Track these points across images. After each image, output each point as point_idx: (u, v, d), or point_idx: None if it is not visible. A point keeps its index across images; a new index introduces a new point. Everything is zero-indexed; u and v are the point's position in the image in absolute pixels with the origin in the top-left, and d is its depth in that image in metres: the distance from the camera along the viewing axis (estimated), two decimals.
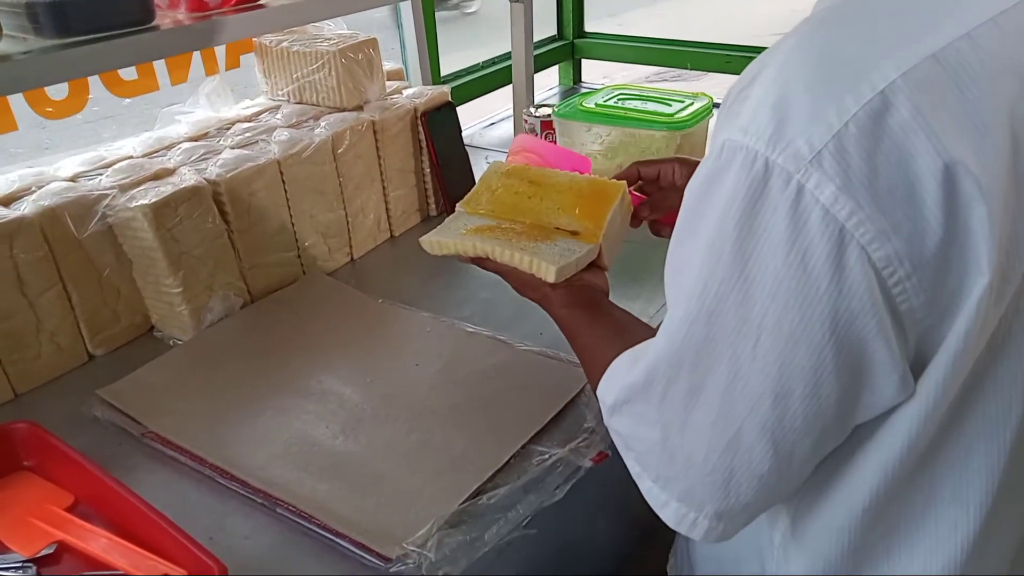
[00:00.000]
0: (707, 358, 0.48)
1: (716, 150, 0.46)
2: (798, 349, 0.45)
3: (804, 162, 0.42)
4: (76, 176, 0.94)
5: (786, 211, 0.43)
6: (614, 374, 0.59)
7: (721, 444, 0.50)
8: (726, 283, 0.46)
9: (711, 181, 0.46)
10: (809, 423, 0.47)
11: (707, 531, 0.53)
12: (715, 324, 0.47)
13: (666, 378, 0.51)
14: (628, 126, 1.17)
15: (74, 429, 0.78)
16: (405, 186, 1.21)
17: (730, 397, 0.48)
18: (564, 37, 1.97)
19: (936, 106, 0.42)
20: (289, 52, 1.15)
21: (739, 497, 0.51)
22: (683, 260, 0.50)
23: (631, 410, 0.56)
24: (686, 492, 0.53)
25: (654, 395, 0.53)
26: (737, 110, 0.46)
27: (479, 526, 0.67)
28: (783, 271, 0.44)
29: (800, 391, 0.46)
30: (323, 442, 0.77)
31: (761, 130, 0.43)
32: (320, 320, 0.97)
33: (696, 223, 0.48)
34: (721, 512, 0.52)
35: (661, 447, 0.54)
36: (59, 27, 0.74)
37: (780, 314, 0.45)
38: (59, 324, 0.89)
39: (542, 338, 0.92)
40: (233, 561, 0.62)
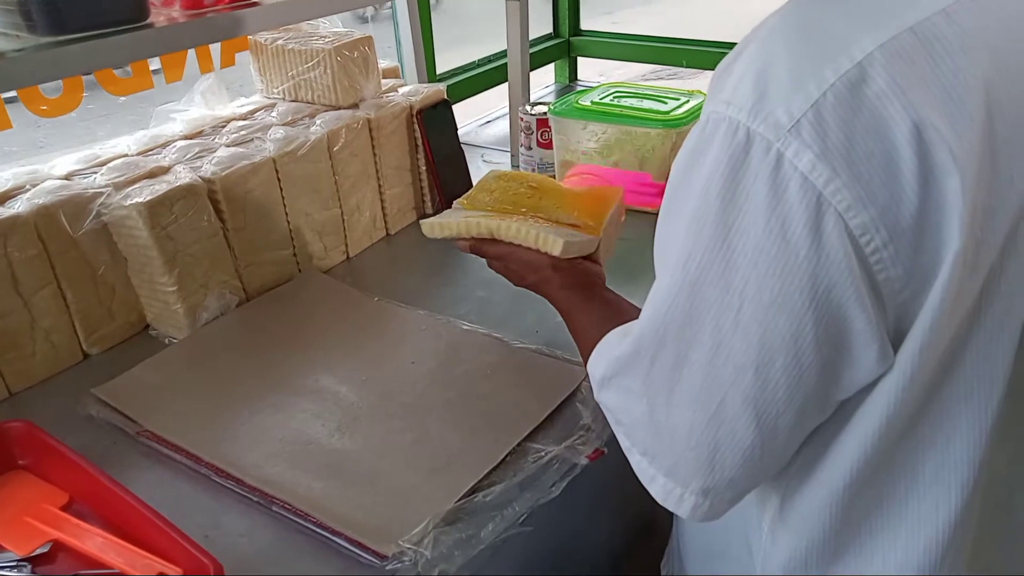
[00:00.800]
0: (691, 328, 0.49)
1: (701, 123, 0.47)
2: (779, 317, 0.45)
3: (783, 131, 0.43)
4: (71, 174, 0.94)
5: (766, 179, 0.43)
6: (604, 348, 0.60)
7: (705, 417, 0.50)
8: (709, 252, 0.46)
9: (695, 153, 0.47)
10: (791, 394, 0.48)
11: (693, 508, 0.53)
12: (698, 294, 0.48)
13: (652, 350, 0.52)
14: (624, 124, 1.17)
15: (69, 428, 0.78)
16: (401, 184, 1.21)
17: (713, 368, 0.49)
18: (560, 35, 1.97)
19: (912, 77, 0.43)
20: (284, 50, 1.15)
21: (724, 472, 0.51)
22: (669, 233, 0.51)
23: (619, 383, 0.57)
24: (672, 467, 0.53)
25: (640, 368, 0.53)
26: (721, 84, 0.47)
27: (475, 524, 0.67)
28: (763, 239, 0.44)
29: (781, 361, 0.47)
30: (319, 440, 0.77)
31: (743, 101, 0.44)
32: (316, 318, 0.97)
33: (681, 195, 0.49)
34: (707, 488, 0.52)
35: (648, 421, 0.54)
36: (53, 24, 0.73)
37: (761, 282, 0.45)
38: (54, 323, 0.88)
39: (538, 336, 0.92)
40: (229, 559, 0.62)
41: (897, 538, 0.53)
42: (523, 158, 1.38)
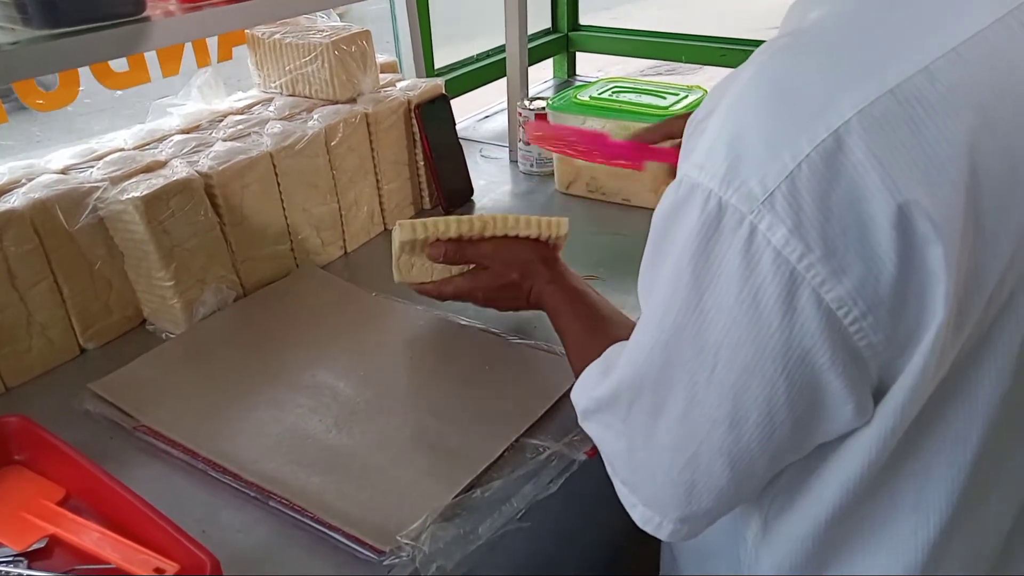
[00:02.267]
0: (666, 383, 0.50)
1: (676, 183, 0.46)
2: (751, 381, 0.46)
3: (757, 203, 0.42)
4: (67, 168, 0.94)
5: (739, 251, 0.43)
6: (585, 382, 0.62)
7: (681, 462, 0.51)
8: (683, 314, 0.47)
9: (672, 214, 0.47)
10: (764, 446, 0.48)
11: (672, 533, 0.55)
12: (673, 351, 0.49)
13: (628, 398, 0.54)
14: (622, 119, 1.17)
15: (65, 423, 0.78)
16: (399, 179, 1.20)
17: (688, 420, 0.49)
18: (559, 30, 1.96)
19: (891, 145, 0.41)
20: (282, 44, 1.14)
21: (700, 504, 0.53)
22: (649, 284, 0.51)
23: (599, 419, 0.59)
24: (651, 498, 0.55)
25: (619, 411, 0.55)
26: (693, 144, 0.46)
27: (473, 519, 0.67)
28: (736, 308, 0.44)
29: (754, 419, 0.47)
30: (316, 435, 0.77)
31: (716, 168, 0.43)
32: (313, 313, 0.97)
33: (659, 251, 0.49)
34: (685, 517, 0.54)
35: (627, 456, 0.56)
36: (48, 17, 0.73)
37: (733, 348, 0.45)
38: (50, 317, 0.88)
39: (536, 331, 0.92)
40: (226, 554, 0.62)
41: (877, 558, 0.54)
42: (521, 153, 1.37)
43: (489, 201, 1.29)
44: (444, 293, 0.84)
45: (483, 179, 1.36)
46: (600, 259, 1.05)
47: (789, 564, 0.57)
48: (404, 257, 0.84)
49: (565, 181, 1.29)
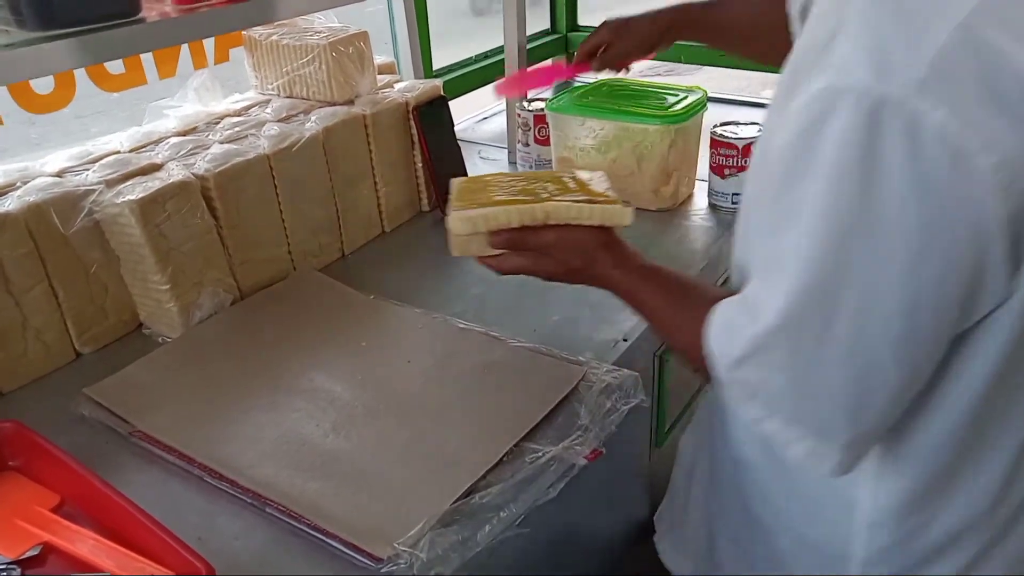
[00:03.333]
0: (838, 291, 0.52)
1: (810, 100, 0.50)
2: (925, 264, 0.50)
3: (911, 90, 0.47)
4: (62, 171, 0.93)
5: (902, 137, 0.47)
6: (733, 328, 0.61)
7: (854, 371, 0.54)
8: (852, 215, 0.50)
9: (812, 130, 0.50)
10: (935, 332, 0.53)
11: (836, 465, 0.57)
12: (843, 257, 0.51)
13: (798, 319, 0.54)
14: (622, 120, 1.16)
15: (61, 428, 0.77)
16: (397, 181, 1.20)
17: (863, 322, 0.52)
18: (557, 31, 1.96)
19: (1012, 21, 0.48)
20: (279, 45, 1.14)
21: (868, 421, 0.56)
22: (788, 208, 0.53)
23: (759, 359, 0.58)
24: (818, 427, 0.57)
25: (787, 339, 0.56)
26: (826, 62, 0.50)
27: (471, 525, 0.66)
28: (907, 193, 0.48)
29: (927, 303, 0.51)
30: (314, 440, 0.76)
31: (863, 70, 0.48)
32: (311, 317, 0.96)
33: (801, 169, 0.51)
34: (851, 441, 0.56)
35: (792, 388, 0.57)
36: (42, 19, 0.72)
37: (907, 235, 0.49)
38: (45, 322, 0.87)
39: (535, 334, 0.91)
40: (222, 562, 0.62)
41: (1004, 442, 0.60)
42: (520, 154, 1.37)
43: None
44: (504, 269, 0.80)
45: None
46: None
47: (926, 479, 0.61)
48: (461, 236, 0.79)
49: None
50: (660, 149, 1.15)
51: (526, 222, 0.75)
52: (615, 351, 0.89)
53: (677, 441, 1.13)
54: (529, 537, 0.67)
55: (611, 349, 0.89)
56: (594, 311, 0.97)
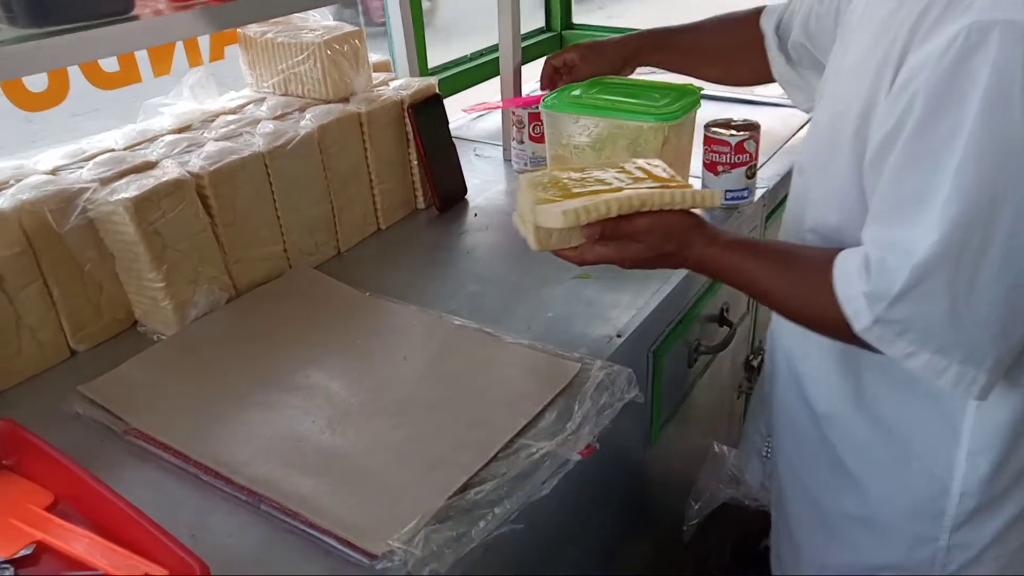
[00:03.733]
0: (995, 210, 0.56)
1: (954, 38, 0.55)
2: None
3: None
4: (56, 169, 0.93)
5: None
6: (883, 268, 0.63)
7: (1005, 288, 0.59)
8: (1011, 136, 0.54)
9: (962, 61, 0.55)
10: None
11: (983, 387, 0.62)
12: (1001, 175, 0.56)
13: (960, 243, 0.58)
14: (616, 117, 1.16)
15: (55, 426, 0.77)
16: (392, 179, 1.20)
17: (1015, 240, 0.57)
18: (552, 28, 1.96)
19: None
20: (274, 43, 1.13)
21: (1012, 340, 0.61)
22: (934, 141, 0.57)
23: (919, 291, 0.61)
24: (969, 352, 0.61)
25: (948, 265, 0.59)
26: (964, 4, 0.55)
27: (466, 521, 0.66)
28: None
29: None
30: (309, 437, 0.76)
31: (1009, 3, 0.53)
32: (306, 314, 0.96)
33: (949, 100, 0.56)
34: (997, 362, 0.61)
35: (947, 316, 0.61)
36: (34, 16, 0.72)
37: None
38: (40, 320, 0.87)
39: (530, 331, 0.92)
40: (217, 560, 0.62)
41: None
42: (515, 152, 1.37)
43: (484, 200, 1.29)
44: (587, 260, 0.81)
45: (477, 178, 1.35)
46: None
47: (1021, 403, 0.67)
48: (544, 230, 0.80)
49: None
50: (654, 146, 1.15)
51: (624, 210, 0.76)
52: (609, 347, 0.89)
53: (671, 437, 1.14)
54: (523, 533, 0.67)
55: (605, 345, 0.89)
56: (588, 308, 0.97)
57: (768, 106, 1.68)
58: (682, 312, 1.06)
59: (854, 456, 0.79)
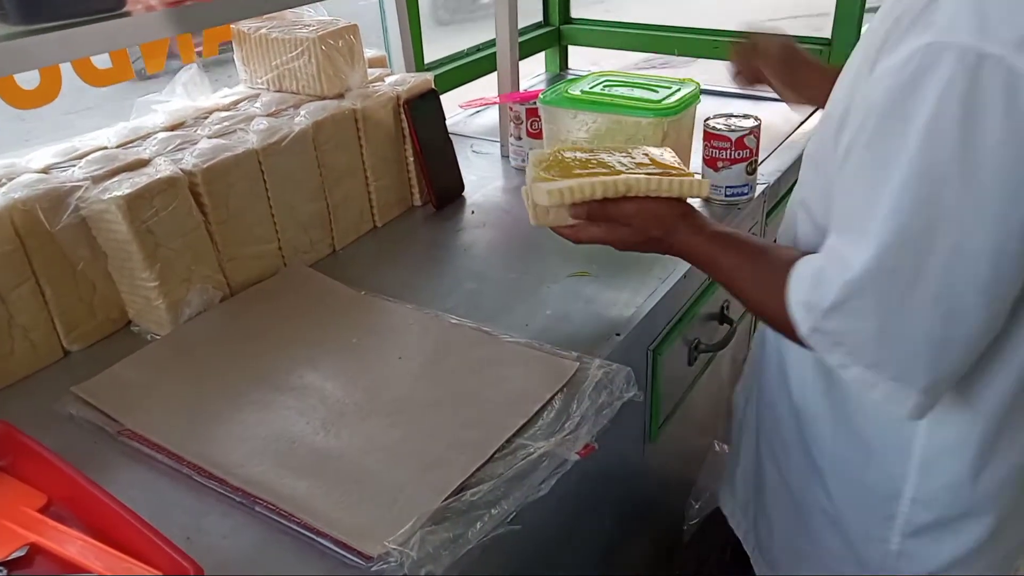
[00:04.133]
0: (931, 235, 0.56)
1: (913, 55, 0.54)
2: (1014, 211, 0.54)
3: (1010, 47, 0.51)
4: (48, 168, 0.92)
5: (1002, 90, 0.52)
6: (822, 279, 0.64)
7: (940, 315, 0.58)
8: (948, 163, 0.54)
9: (915, 81, 0.54)
10: (1017, 278, 0.57)
11: (915, 406, 0.61)
12: (938, 202, 0.55)
13: (891, 264, 0.58)
14: (614, 113, 1.15)
15: (48, 427, 0.76)
16: (388, 176, 1.19)
17: (952, 267, 0.56)
18: (550, 23, 1.95)
19: None
20: (268, 39, 1.13)
21: (948, 365, 0.60)
22: (882, 158, 0.57)
23: (850, 306, 0.61)
24: (901, 371, 0.61)
25: (878, 284, 0.59)
26: (928, 20, 0.54)
27: (463, 523, 0.65)
28: (1004, 142, 0.52)
29: (1013, 248, 0.55)
30: (304, 438, 0.76)
31: (967, 28, 0.52)
32: (301, 313, 0.96)
33: (898, 121, 0.55)
34: (930, 385, 0.60)
35: (878, 334, 0.61)
36: (25, 12, 0.72)
37: (1000, 183, 0.53)
38: (32, 320, 0.86)
39: (527, 329, 0.91)
40: (211, 561, 0.61)
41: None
42: (512, 148, 1.36)
43: (481, 197, 1.28)
44: (581, 239, 0.85)
45: (474, 174, 1.34)
46: (591, 255, 1.04)
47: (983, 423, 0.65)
48: (541, 207, 0.84)
49: None
50: (653, 142, 1.14)
51: (609, 194, 0.80)
52: (608, 346, 0.88)
53: (670, 436, 1.13)
54: (521, 534, 0.67)
55: (604, 344, 0.88)
56: (587, 306, 0.96)
57: (769, 101, 1.67)
58: (681, 310, 1.06)
59: (822, 449, 0.80)
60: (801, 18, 4.76)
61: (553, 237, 0.87)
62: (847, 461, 0.77)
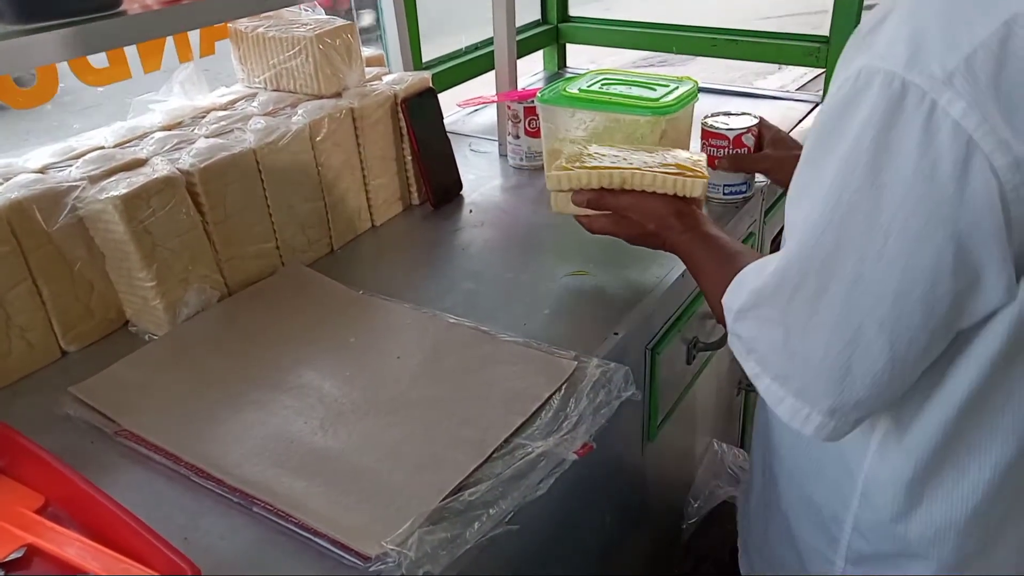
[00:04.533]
0: (834, 261, 0.54)
1: (851, 77, 0.52)
2: (921, 250, 0.51)
3: (937, 82, 0.48)
4: (45, 167, 0.92)
5: (920, 124, 0.49)
6: (742, 281, 0.65)
7: (841, 342, 0.56)
8: (859, 191, 0.52)
9: (847, 103, 0.52)
10: (924, 321, 0.54)
11: (818, 427, 0.59)
12: (845, 230, 0.53)
13: (794, 281, 0.57)
14: (612, 111, 1.15)
15: (45, 428, 0.76)
16: (386, 175, 1.19)
17: (853, 297, 0.54)
18: (548, 21, 1.95)
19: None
20: (265, 38, 1.12)
21: (852, 393, 0.57)
22: (812, 176, 0.56)
23: (757, 314, 0.62)
24: (802, 388, 0.59)
25: (781, 298, 0.59)
26: (871, 41, 0.53)
27: (461, 523, 0.65)
28: (913, 178, 0.50)
29: (919, 291, 0.52)
30: (301, 438, 0.75)
31: (898, 56, 0.50)
32: (299, 313, 0.95)
33: (829, 141, 0.54)
34: (834, 408, 0.58)
35: (782, 347, 0.60)
36: (21, 12, 0.71)
37: (908, 218, 0.51)
38: (29, 320, 0.86)
39: (525, 328, 0.91)
40: (208, 562, 0.61)
41: (992, 447, 0.61)
42: (511, 147, 1.36)
43: (479, 196, 1.28)
44: (593, 228, 0.90)
45: (472, 173, 1.34)
46: (589, 255, 1.04)
47: (915, 460, 0.63)
48: (555, 194, 0.91)
49: None
50: (651, 140, 1.14)
51: (604, 184, 0.85)
52: (606, 345, 0.88)
53: (669, 435, 1.13)
54: (519, 534, 0.67)
55: (602, 343, 0.88)
56: (585, 305, 0.96)
57: (767, 99, 1.68)
58: (679, 309, 1.06)
59: (780, 463, 0.79)
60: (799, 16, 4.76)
61: (551, 236, 0.88)
62: (800, 475, 0.76)
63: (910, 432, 0.63)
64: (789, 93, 1.70)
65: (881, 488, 0.67)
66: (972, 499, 0.63)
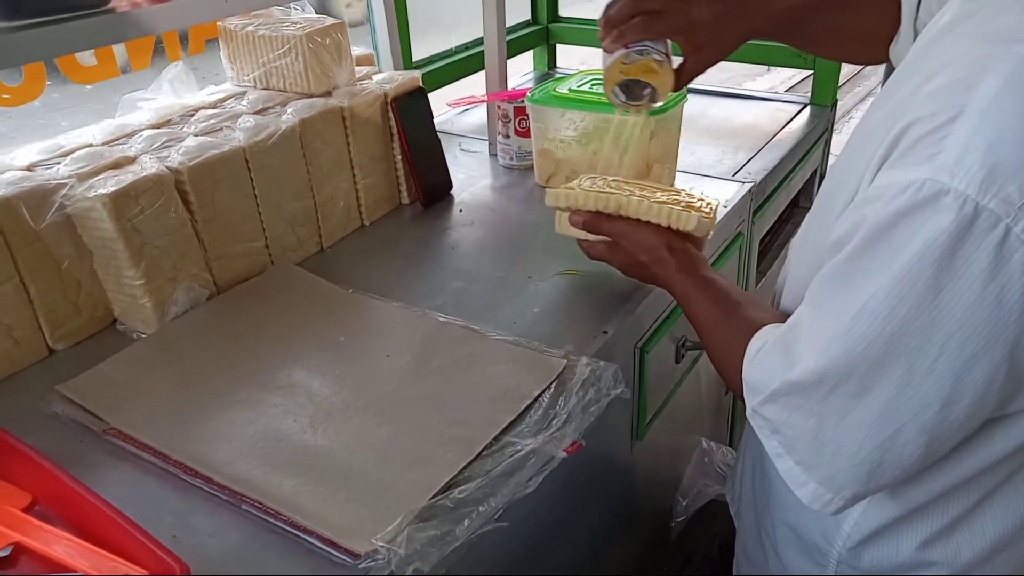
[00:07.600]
0: (880, 370, 0.53)
1: (911, 186, 0.50)
2: (976, 367, 0.51)
3: (1014, 208, 0.47)
4: (32, 165, 0.91)
5: (990, 252, 0.48)
6: (768, 365, 0.62)
7: (877, 440, 0.55)
8: (915, 308, 0.51)
9: (906, 215, 0.50)
10: (965, 423, 0.54)
11: (838, 508, 0.60)
12: (896, 343, 0.52)
13: (834, 382, 0.56)
14: (602, 111, 1.15)
15: (33, 426, 0.76)
16: (376, 174, 1.19)
17: (896, 403, 0.54)
18: (538, 21, 1.95)
19: None
20: (255, 36, 1.12)
21: (879, 483, 0.58)
22: (857, 281, 0.54)
23: (788, 401, 0.60)
24: (828, 478, 0.59)
25: (818, 393, 0.57)
26: (936, 148, 0.49)
27: (450, 520, 0.65)
28: (977, 303, 0.49)
29: (967, 400, 0.53)
30: (291, 436, 0.75)
31: (972, 174, 0.47)
32: (288, 311, 0.95)
33: (881, 250, 0.52)
34: (858, 494, 0.59)
35: (813, 437, 0.59)
36: (7, 9, 0.71)
37: (967, 338, 0.50)
38: (17, 318, 0.86)
39: (515, 327, 0.91)
40: (197, 560, 0.61)
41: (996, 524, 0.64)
42: (501, 147, 1.36)
43: (469, 195, 1.28)
44: (591, 253, 0.90)
45: (462, 173, 1.34)
46: (579, 254, 1.04)
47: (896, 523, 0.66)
48: (565, 215, 0.90)
49: (544, 175, 1.28)
50: (640, 140, 1.14)
51: (600, 208, 0.84)
52: (596, 343, 0.88)
53: (658, 433, 1.14)
54: (508, 531, 0.67)
55: (592, 341, 0.89)
56: (575, 303, 0.97)
57: (756, 100, 1.68)
58: (668, 307, 1.06)
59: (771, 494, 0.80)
60: None
61: (540, 235, 0.88)
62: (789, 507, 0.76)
63: (914, 493, 0.65)
64: (778, 95, 1.70)
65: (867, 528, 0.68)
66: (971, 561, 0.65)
